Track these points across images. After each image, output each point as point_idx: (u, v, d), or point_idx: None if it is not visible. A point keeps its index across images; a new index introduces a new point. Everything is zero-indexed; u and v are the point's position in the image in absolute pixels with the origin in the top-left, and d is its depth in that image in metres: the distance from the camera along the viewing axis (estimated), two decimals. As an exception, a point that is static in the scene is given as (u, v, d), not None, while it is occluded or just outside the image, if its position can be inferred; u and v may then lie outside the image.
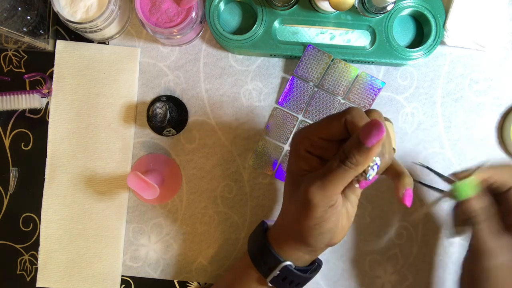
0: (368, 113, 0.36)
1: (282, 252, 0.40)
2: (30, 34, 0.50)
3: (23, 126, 0.55)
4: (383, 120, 0.36)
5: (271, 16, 0.52)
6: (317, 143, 0.37)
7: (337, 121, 0.35)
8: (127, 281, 0.55)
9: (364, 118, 0.34)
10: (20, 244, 0.55)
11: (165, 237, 0.55)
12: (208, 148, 0.55)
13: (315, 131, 0.37)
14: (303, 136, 0.38)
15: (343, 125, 0.35)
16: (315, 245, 0.38)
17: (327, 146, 0.37)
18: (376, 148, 0.32)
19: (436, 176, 0.54)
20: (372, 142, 0.31)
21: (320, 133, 0.36)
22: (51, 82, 0.54)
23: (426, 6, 0.51)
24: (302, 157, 0.38)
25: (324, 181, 0.34)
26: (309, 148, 0.37)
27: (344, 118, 0.34)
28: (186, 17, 0.48)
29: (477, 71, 0.54)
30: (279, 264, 0.40)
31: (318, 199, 0.35)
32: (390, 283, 0.54)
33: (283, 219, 0.41)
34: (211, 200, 0.55)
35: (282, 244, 0.40)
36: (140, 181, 0.49)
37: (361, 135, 0.32)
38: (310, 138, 0.37)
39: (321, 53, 0.52)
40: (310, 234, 0.37)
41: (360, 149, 0.32)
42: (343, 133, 0.35)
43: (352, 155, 0.33)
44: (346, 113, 0.34)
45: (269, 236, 0.42)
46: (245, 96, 0.55)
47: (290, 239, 0.40)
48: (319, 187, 0.34)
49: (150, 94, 0.55)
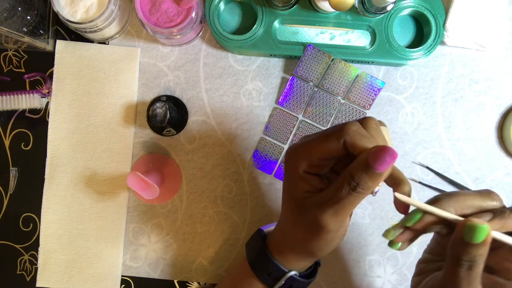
0: (363, 122, 0.35)
1: (286, 263, 0.39)
2: (30, 34, 0.50)
3: (23, 126, 0.55)
4: (378, 128, 0.35)
5: (271, 16, 0.52)
6: (315, 163, 0.35)
7: (336, 141, 0.33)
8: (127, 281, 0.55)
9: (365, 136, 0.33)
10: (20, 244, 0.55)
11: (165, 237, 0.55)
12: (208, 148, 0.55)
13: (314, 152, 0.35)
14: (299, 157, 0.36)
15: (342, 145, 0.33)
16: (321, 255, 0.38)
17: (324, 164, 0.35)
18: (386, 172, 0.31)
19: (436, 176, 0.54)
20: (384, 168, 0.30)
21: (318, 154, 0.35)
22: (51, 82, 0.54)
23: (426, 6, 0.51)
24: (302, 178, 0.36)
25: (337, 209, 0.33)
26: (307, 169, 0.36)
27: (343, 139, 0.33)
28: (186, 17, 0.48)
29: (477, 71, 0.54)
30: (284, 275, 0.39)
31: (332, 225, 0.34)
32: (390, 283, 0.54)
33: (285, 235, 0.40)
34: (211, 200, 0.55)
35: (286, 255, 0.40)
36: (140, 181, 0.49)
37: (371, 160, 0.30)
38: (308, 159, 0.35)
39: (321, 53, 0.52)
40: (320, 250, 0.37)
41: (370, 174, 0.31)
42: (342, 152, 0.34)
43: (362, 181, 0.31)
44: (344, 133, 0.33)
45: (270, 246, 0.41)
46: (245, 96, 0.55)
47: (295, 253, 0.39)
48: (332, 215, 0.33)
49: (150, 94, 0.55)
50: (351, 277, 0.55)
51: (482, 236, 0.30)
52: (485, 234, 0.30)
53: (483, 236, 0.30)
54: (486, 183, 0.54)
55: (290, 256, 0.39)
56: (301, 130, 0.53)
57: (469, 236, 0.30)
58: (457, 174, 0.54)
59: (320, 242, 0.36)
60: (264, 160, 0.54)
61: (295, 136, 0.54)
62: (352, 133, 0.32)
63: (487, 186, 0.54)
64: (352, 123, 0.33)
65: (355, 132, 0.33)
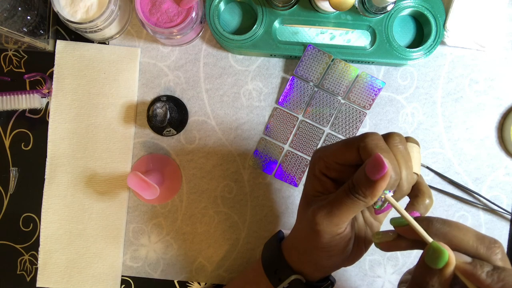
0: (387, 136, 0.34)
1: (293, 264, 0.40)
2: (30, 34, 0.50)
3: (23, 126, 0.55)
4: (402, 145, 0.34)
5: (271, 16, 0.52)
6: (332, 166, 0.35)
7: (352, 148, 0.33)
8: (127, 281, 0.55)
9: (379, 146, 0.32)
10: (20, 244, 0.55)
11: (165, 237, 0.55)
12: (208, 148, 0.55)
13: (331, 155, 0.35)
14: (318, 156, 0.36)
15: (357, 152, 0.33)
16: (324, 265, 0.38)
17: (342, 170, 0.35)
18: (381, 182, 0.30)
19: (436, 176, 0.54)
20: (376, 177, 0.30)
21: (335, 157, 0.35)
22: (51, 82, 0.54)
23: (426, 6, 0.51)
24: (317, 178, 0.37)
25: (332, 210, 0.33)
26: (324, 170, 0.36)
27: (358, 145, 0.33)
28: (186, 17, 0.48)
29: (477, 71, 0.54)
30: (289, 276, 0.39)
31: (324, 225, 0.34)
32: (390, 283, 0.54)
33: (295, 234, 0.40)
34: (211, 200, 0.55)
35: (291, 255, 0.40)
36: (140, 181, 0.49)
37: (366, 169, 0.31)
38: (326, 160, 0.36)
39: (321, 53, 0.52)
40: (318, 255, 0.37)
41: (366, 182, 0.31)
42: (359, 159, 0.33)
43: (359, 187, 0.31)
44: (360, 140, 0.33)
45: (283, 246, 0.41)
46: (245, 96, 0.55)
47: (298, 253, 0.39)
48: (326, 214, 0.33)
49: (150, 94, 0.55)
50: (351, 277, 0.55)
51: (441, 262, 0.27)
52: (444, 260, 0.27)
53: (442, 262, 0.27)
54: (486, 183, 0.54)
55: (294, 256, 0.40)
56: (301, 130, 0.53)
57: (429, 257, 0.28)
58: (457, 174, 0.54)
59: (317, 244, 0.35)
60: (264, 160, 0.54)
61: (295, 136, 0.54)
62: (368, 142, 0.32)
63: (487, 186, 0.54)
64: (373, 134, 0.33)
65: (372, 142, 0.32)
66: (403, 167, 0.33)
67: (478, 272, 0.27)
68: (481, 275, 0.27)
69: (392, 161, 0.32)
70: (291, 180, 0.54)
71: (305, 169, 0.54)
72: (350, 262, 0.38)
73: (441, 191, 0.54)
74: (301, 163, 0.54)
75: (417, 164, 0.35)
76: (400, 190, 0.33)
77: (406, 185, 0.33)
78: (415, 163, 0.35)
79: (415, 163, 0.34)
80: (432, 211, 0.54)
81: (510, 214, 0.54)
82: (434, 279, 0.28)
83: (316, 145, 0.54)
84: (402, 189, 0.33)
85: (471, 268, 0.28)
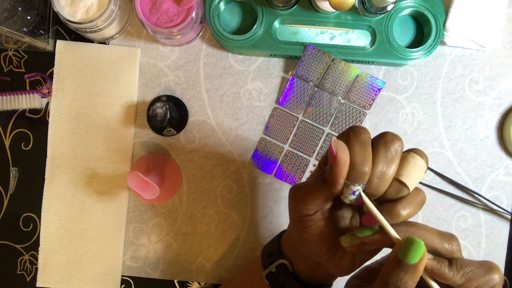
0: (381, 133, 0.33)
1: (285, 250, 0.41)
2: (30, 34, 0.50)
3: (23, 126, 0.55)
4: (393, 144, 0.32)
5: (271, 16, 0.52)
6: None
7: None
8: (127, 281, 0.55)
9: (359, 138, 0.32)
10: (20, 244, 0.55)
11: (165, 237, 0.55)
12: (208, 148, 0.55)
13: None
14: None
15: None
16: (304, 253, 0.37)
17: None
18: (336, 168, 0.30)
19: (436, 176, 0.54)
20: (330, 160, 0.31)
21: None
22: (51, 82, 0.54)
23: (426, 6, 0.51)
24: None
25: (301, 186, 0.35)
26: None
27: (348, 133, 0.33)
28: (186, 17, 0.48)
29: (477, 71, 0.54)
30: (277, 260, 0.40)
31: (295, 202, 0.35)
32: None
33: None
34: (211, 200, 0.55)
35: (285, 240, 0.41)
36: (140, 181, 0.49)
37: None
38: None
39: (321, 53, 0.52)
40: (295, 237, 0.37)
41: (329, 167, 0.32)
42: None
43: (325, 172, 0.32)
44: (350, 129, 0.33)
45: (284, 235, 0.43)
46: (245, 96, 0.55)
47: (288, 239, 0.41)
48: (296, 189, 0.35)
49: (150, 94, 0.55)
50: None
51: (417, 256, 0.27)
52: (420, 254, 0.27)
53: (418, 255, 0.27)
54: (486, 183, 0.54)
55: (285, 239, 0.41)
56: (301, 130, 0.53)
57: (405, 251, 0.28)
58: (457, 174, 0.54)
59: (291, 222, 0.37)
60: (264, 160, 0.54)
61: (295, 136, 0.54)
62: (353, 130, 0.33)
63: (487, 186, 0.54)
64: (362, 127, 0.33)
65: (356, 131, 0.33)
66: (379, 163, 0.31)
67: (442, 268, 0.29)
68: (445, 269, 0.29)
69: (363, 153, 0.31)
70: (291, 180, 0.54)
71: (305, 169, 0.54)
72: (342, 270, 0.37)
73: (441, 191, 0.54)
74: (301, 163, 0.54)
75: (413, 174, 0.32)
76: (369, 185, 0.31)
77: (376, 181, 0.31)
78: (409, 173, 0.32)
79: (408, 172, 0.32)
80: (432, 211, 0.54)
81: (510, 214, 0.54)
82: (408, 275, 0.28)
83: (316, 145, 0.54)
84: (371, 184, 0.31)
85: (436, 264, 0.29)
